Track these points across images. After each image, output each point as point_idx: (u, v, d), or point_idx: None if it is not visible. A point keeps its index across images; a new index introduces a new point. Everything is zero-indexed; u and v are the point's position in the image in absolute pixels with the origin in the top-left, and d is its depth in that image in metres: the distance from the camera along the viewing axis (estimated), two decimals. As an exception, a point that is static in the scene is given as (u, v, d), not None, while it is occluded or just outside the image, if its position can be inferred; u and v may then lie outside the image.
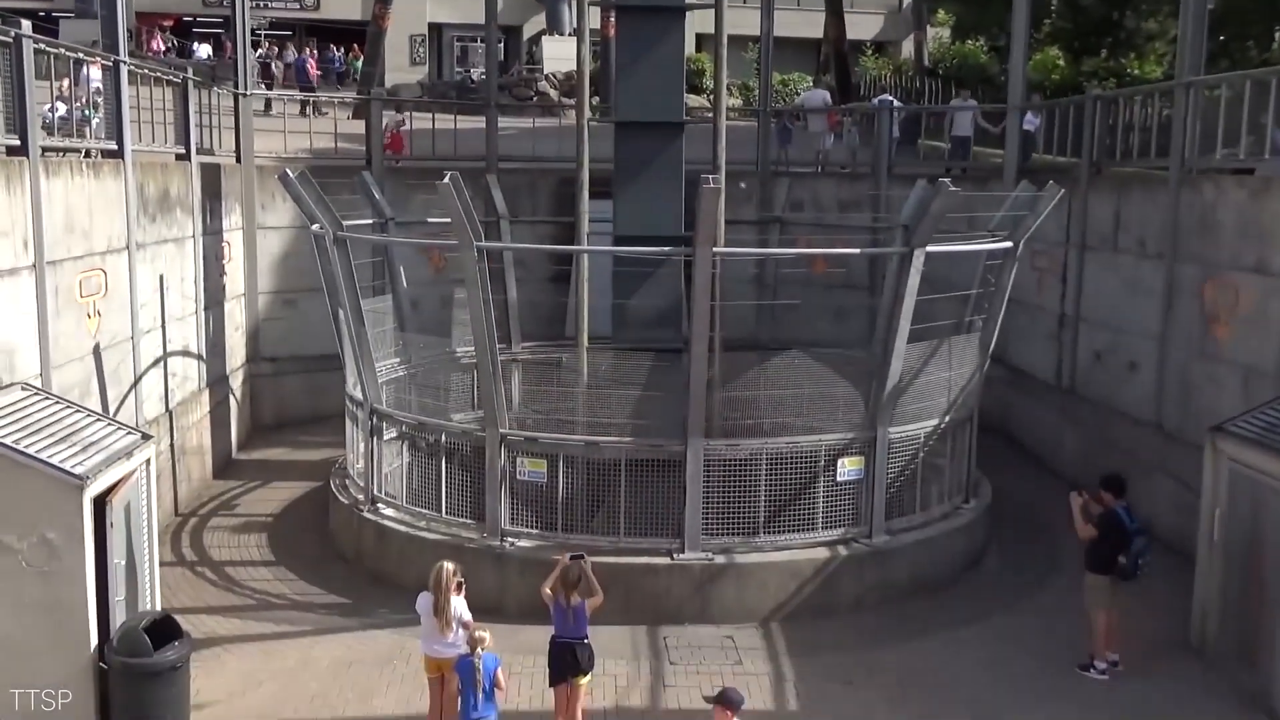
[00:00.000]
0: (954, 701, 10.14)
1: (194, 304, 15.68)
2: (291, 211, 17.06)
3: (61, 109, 12.65)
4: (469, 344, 12.80)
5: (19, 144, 10.65)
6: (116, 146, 13.09)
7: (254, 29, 34.14)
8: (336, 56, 41.81)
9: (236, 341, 17.93)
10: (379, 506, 13.00)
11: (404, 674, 10.37)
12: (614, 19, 25.05)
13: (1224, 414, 11.55)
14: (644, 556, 11.69)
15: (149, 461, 9.88)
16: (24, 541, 8.48)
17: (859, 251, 17.02)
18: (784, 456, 11.85)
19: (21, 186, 10.44)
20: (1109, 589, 10.68)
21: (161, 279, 14.28)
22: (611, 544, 11.75)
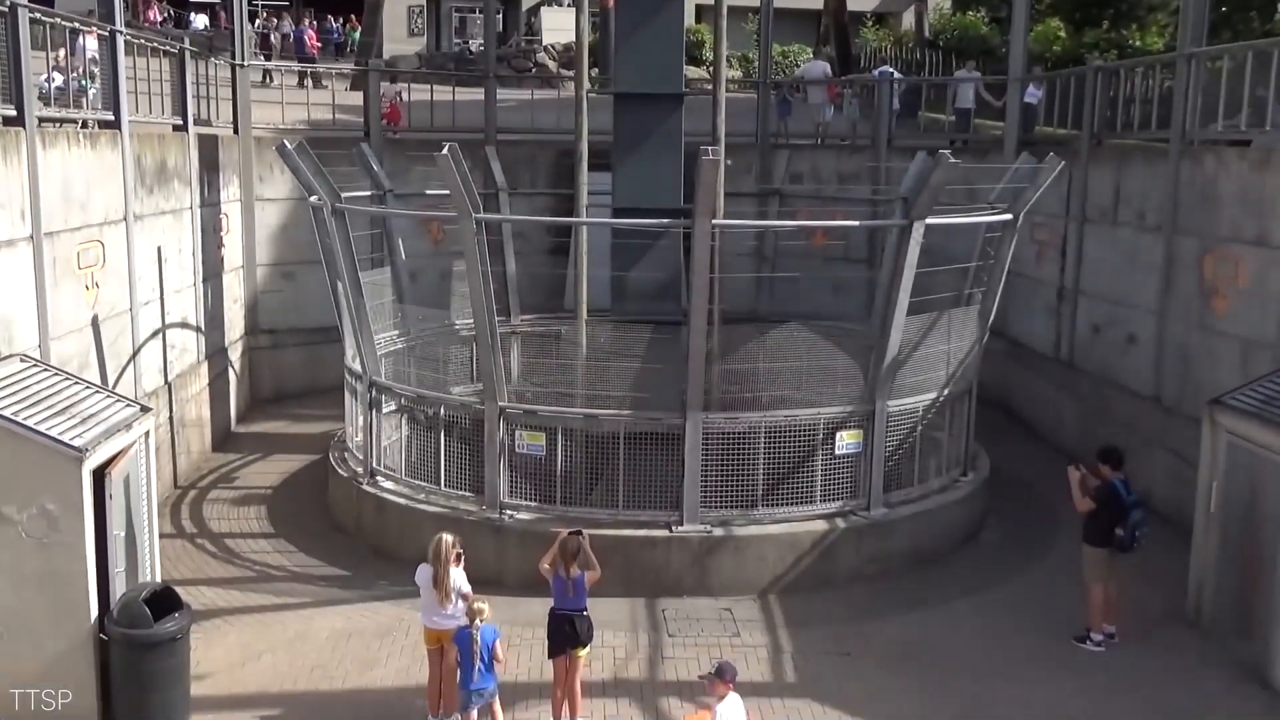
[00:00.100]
0: (951, 672, 10.19)
1: (192, 276, 15.65)
2: (289, 183, 17.03)
3: (58, 79, 12.60)
4: (468, 316, 12.77)
5: (15, 114, 10.60)
6: (114, 117, 13.02)
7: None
8: (334, 27, 41.54)
9: (235, 314, 17.90)
10: (378, 479, 13.01)
11: (403, 645, 10.42)
12: (613, -10, 24.90)
13: (1222, 387, 11.55)
14: (643, 529, 11.73)
15: (148, 434, 9.90)
16: (23, 513, 8.50)
17: (858, 224, 17.03)
18: (783, 429, 11.87)
19: (18, 157, 10.40)
20: (1106, 561, 10.73)
21: (159, 251, 14.25)
22: (610, 516, 11.78)
